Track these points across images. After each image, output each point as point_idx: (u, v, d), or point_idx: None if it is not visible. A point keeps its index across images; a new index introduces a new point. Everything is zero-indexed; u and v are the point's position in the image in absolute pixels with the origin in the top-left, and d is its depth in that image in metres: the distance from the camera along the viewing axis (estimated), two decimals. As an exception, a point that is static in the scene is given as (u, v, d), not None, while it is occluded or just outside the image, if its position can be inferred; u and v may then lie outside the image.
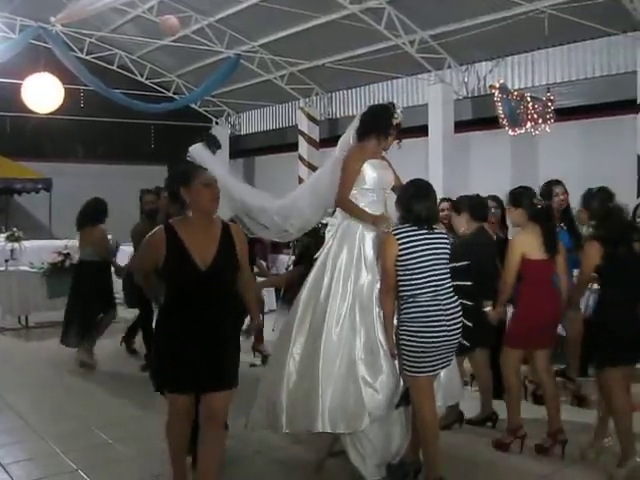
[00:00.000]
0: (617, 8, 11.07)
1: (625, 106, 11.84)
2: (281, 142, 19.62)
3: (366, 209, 5.06)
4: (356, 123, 5.24)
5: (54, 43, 14.07)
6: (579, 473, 5.22)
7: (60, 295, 11.64)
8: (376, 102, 14.79)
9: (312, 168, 17.16)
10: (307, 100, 18.45)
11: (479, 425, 6.18)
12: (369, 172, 5.07)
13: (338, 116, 17.99)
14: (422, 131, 14.66)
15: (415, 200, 4.67)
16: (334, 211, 5.30)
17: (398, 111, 5.15)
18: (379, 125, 5.12)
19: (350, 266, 4.96)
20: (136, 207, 8.97)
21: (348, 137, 5.32)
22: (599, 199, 5.97)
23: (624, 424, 5.00)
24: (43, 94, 13.68)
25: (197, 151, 5.87)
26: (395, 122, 5.12)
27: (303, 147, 18.16)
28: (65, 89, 13.93)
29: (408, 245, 4.57)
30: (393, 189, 5.21)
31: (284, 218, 5.51)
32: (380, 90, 16.81)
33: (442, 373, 4.86)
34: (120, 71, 18.34)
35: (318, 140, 17.98)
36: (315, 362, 4.74)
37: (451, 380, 5.16)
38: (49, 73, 13.76)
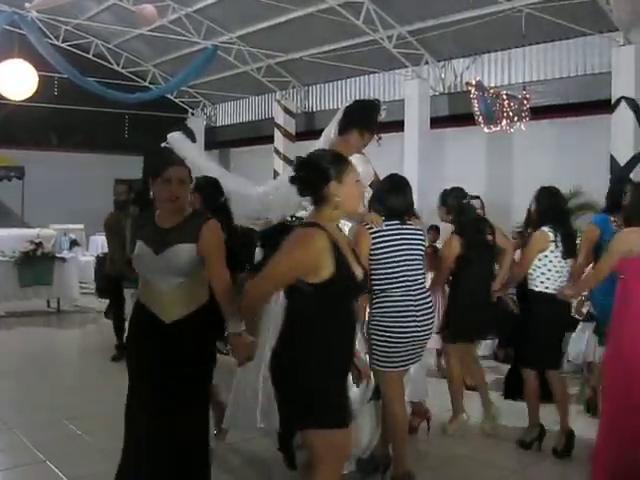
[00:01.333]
0: (594, 9, 11.15)
1: (599, 106, 11.95)
2: (257, 134, 19.57)
3: None
4: (339, 116, 5.21)
5: (29, 29, 13.91)
6: (549, 467, 5.28)
7: (31, 284, 11.55)
8: (353, 96, 14.84)
9: (288, 161, 17.15)
10: (284, 93, 18.41)
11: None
12: (358, 167, 5.06)
13: (314, 110, 17.98)
14: (398, 126, 14.67)
15: (391, 194, 4.68)
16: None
17: (383, 108, 5.14)
18: (364, 121, 5.10)
19: None
20: (110, 197, 8.90)
21: (331, 130, 5.31)
22: (454, 197, 6.14)
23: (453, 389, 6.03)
24: (16, 81, 13.49)
25: (176, 139, 5.83)
26: (379, 118, 5.11)
27: (279, 140, 18.14)
28: (39, 76, 13.76)
29: (381, 239, 4.57)
30: (370, 185, 5.21)
31: (266, 206, 5.50)
32: (357, 85, 16.81)
33: (411, 369, 4.88)
34: (96, 59, 18.16)
35: (294, 133, 17.97)
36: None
37: (418, 377, 5.18)
38: (23, 60, 13.59)
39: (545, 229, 5.46)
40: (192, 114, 21.28)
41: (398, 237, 4.61)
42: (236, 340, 3.73)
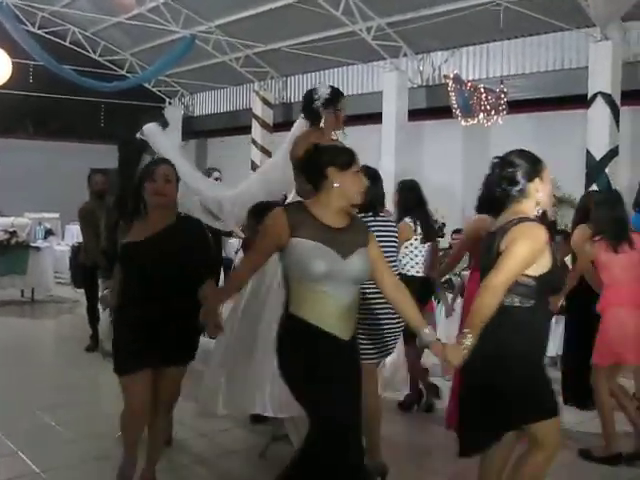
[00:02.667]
0: (571, 4, 11.18)
1: (576, 101, 12.01)
2: (234, 125, 19.48)
3: None
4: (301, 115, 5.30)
5: (4, 16, 13.73)
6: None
7: (5, 273, 11.46)
8: (319, 86, 14.78)
9: (265, 152, 17.12)
10: (262, 83, 18.34)
11: None
12: None
13: (293, 101, 17.92)
14: (376, 118, 14.70)
15: None
16: (285, 198, 5.30)
17: (320, 91, 5.12)
18: (307, 112, 5.17)
19: None
20: (83, 185, 8.82)
21: (301, 124, 5.32)
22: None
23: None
24: (-9, 68, 13.34)
25: (151, 130, 5.79)
26: (318, 104, 5.09)
27: (257, 131, 18.08)
28: (14, 63, 13.58)
29: None
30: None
31: (241, 207, 5.49)
32: (335, 76, 16.77)
33: (387, 362, 4.90)
34: (73, 47, 17.94)
35: (272, 124, 17.91)
36: (255, 345, 4.74)
37: (396, 370, 5.20)
38: (-3, 46, 13.43)
39: (407, 220, 6.10)
40: (169, 103, 21.14)
41: (374, 229, 4.61)
42: (448, 350, 3.38)
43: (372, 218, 4.64)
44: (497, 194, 3.56)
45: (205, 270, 4.11)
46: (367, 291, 4.53)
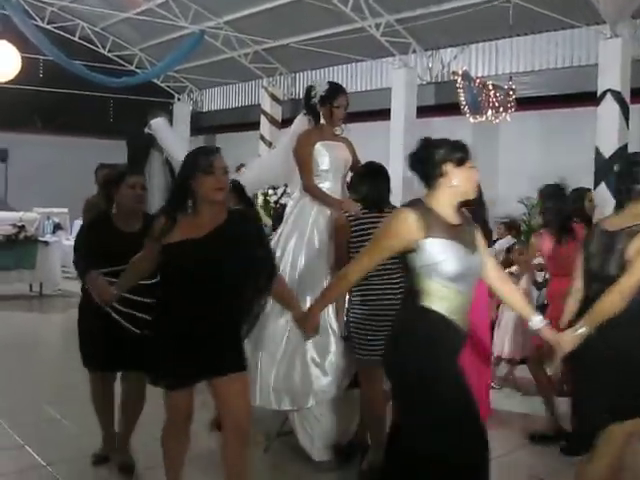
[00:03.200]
0: (581, 1, 11.14)
1: (585, 98, 11.95)
2: (243, 121, 19.48)
3: (327, 192, 5.06)
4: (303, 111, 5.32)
5: (13, 11, 13.77)
6: (527, 458, 5.31)
7: (14, 268, 11.50)
8: (337, 82, 14.79)
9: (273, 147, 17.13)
10: (271, 79, 18.33)
11: None
12: (321, 154, 5.07)
13: (301, 97, 17.86)
14: (384, 115, 14.68)
15: (364, 182, 4.69)
16: (284, 191, 5.33)
17: (317, 89, 5.12)
18: (306, 109, 5.19)
19: (299, 250, 4.97)
20: (92, 181, 8.81)
21: (302, 119, 5.33)
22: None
23: None
24: (0, 62, 13.38)
25: (159, 125, 5.81)
26: (315, 101, 5.09)
27: (265, 127, 18.08)
28: (23, 58, 13.65)
29: (360, 227, 4.57)
30: (351, 170, 5.22)
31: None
32: (344, 72, 16.75)
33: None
34: (82, 42, 17.98)
35: (280, 120, 17.89)
36: (259, 340, 4.75)
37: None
38: (7, 41, 13.46)
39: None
40: (178, 99, 21.16)
41: (377, 224, 4.60)
42: (563, 335, 3.55)
43: (377, 214, 4.61)
44: (621, 190, 3.61)
45: (268, 268, 3.76)
46: (372, 288, 4.53)
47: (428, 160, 3.31)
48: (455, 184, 3.29)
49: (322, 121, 5.13)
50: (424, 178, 3.36)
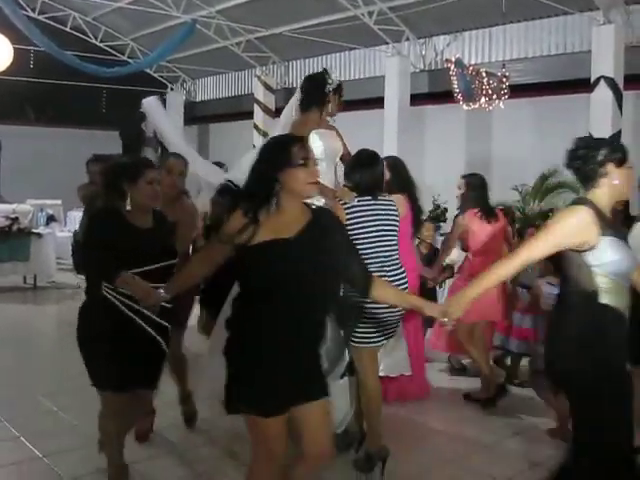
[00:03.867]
0: (574, -13, 11.15)
1: (579, 85, 11.95)
2: (236, 110, 19.43)
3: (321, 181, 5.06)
4: (298, 95, 5.26)
5: (4, 1, 13.68)
6: (521, 445, 5.34)
7: (7, 260, 11.46)
8: (334, 72, 14.73)
9: (267, 137, 17.05)
10: (264, 68, 18.29)
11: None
12: (316, 142, 5.06)
13: (294, 85, 17.82)
14: (378, 103, 14.67)
15: (357, 169, 4.68)
16: None
17: (333, 77, 5.13)
18: (314, 96, 5.14)
19: None
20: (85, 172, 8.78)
21: (291, 108, 5.31)
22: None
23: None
24: (-10, 53, 13.30)
25: (151, 105, 5.76)
26: (329, 89, 5.09)
27: (258, 116, 18.04)
28: (15, 49, 13.56)
29: (355, 215, 4.57)
30: (342, 159, 5.21)
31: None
32: (337, 60, 16.73)
33: (389, 344, 4.90)
34: (73, 32, 17.88)
35: (274, 109, 17.85)
36: None
37: (396, 352, 5.20)
38: (-3, 32, 13.38)
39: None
40: (171, 89, 21.09)
41: (371, 212, 4.60)
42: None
43: (372, 201, 4.61)
44: None
45: (363, 271, 3.52)
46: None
47: (590, 160, 3.36)
48: (616, 183, 3.35)
49: (329, 109, 5.12)
50: (584, 177, 3.41)
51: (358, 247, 4.55)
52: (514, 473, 4.79)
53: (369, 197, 4.62)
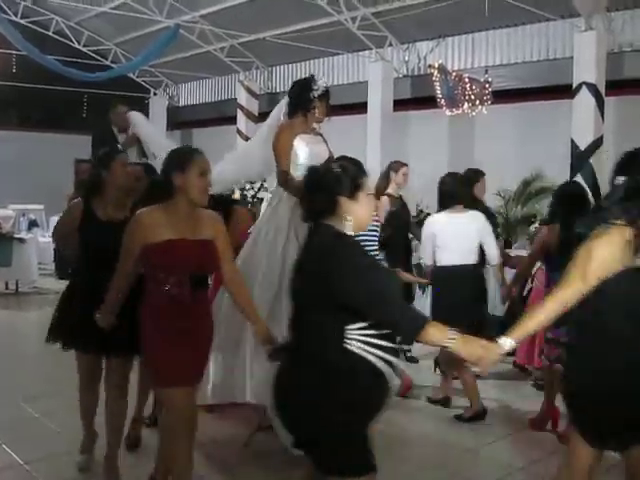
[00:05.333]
0: (556, -7, 11.21)
1: (561, 90, 12.02)
2: (220, 115, 19.41)
3: None
4: (285, 100, 5.29)
5: (-15, 5, 13.64)
6: (505, 447, 5.35)
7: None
8: (322, 78, 14.81)
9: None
10: (247, 73, 18.28)
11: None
12: (302, 147, 5.07)
13: (278, 90, 17.87)
14: (361, 108, 14.69)
15: None
16: (261, 185, 5.33)
17: (319, 83, 5.14)
18: (300, 101, 5.15)
19: (278, 245, 4.97)
20: (68, 176, 8.77)
21: (280, 110, 5.33)
22: None
23: None
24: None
25: (137, 118, 5.76)
26: (315, 95, 5.10)
27: (242, 121, 18.03)
28: (-3, 53, 13.52)
29: None
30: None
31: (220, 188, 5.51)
32: (320, 66, 16.73)
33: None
34: (56, 37, 17.82)
35: (257, 114, 17.84)
36: (242, 337, 4.75)
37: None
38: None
39: None
40: (154, 94, 21.02)
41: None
42: None
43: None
44: None
45: None
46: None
47: None
48: None
49: (315, 114, 5.13)
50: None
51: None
52: (498, 477, 4.80)
53: None
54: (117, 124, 8.09)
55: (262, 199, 5.49)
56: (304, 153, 5.07)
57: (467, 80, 12.04)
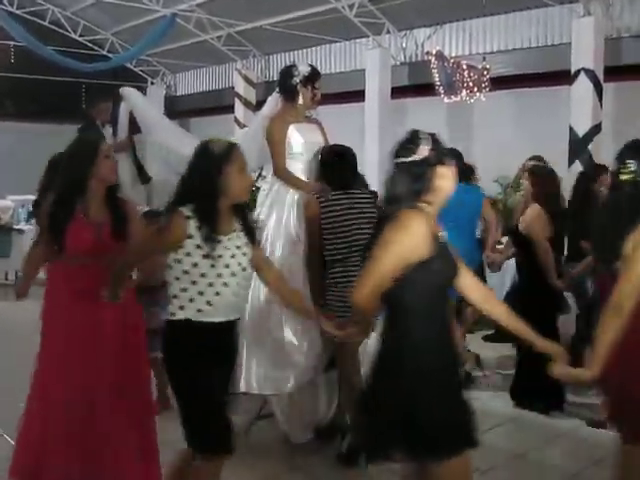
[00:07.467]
0: (554, -21, 11.17)
1: (559, 77, 11.98)
2: (217, 104, 19.36)
3: (299, 174, 5.05)
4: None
5: (-19, -5, 13.59)
6: (504, 436, 5.36)
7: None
8: (314, 65, 14.76)
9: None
10: (244, 62, 18.22)
11: None
12: (295, 136, 5.07)
13: (275, 79, 17.74)
14: (359, 96, 14.65)
15: (329, 165, 4.71)
16: (259, 174, 5.31)
17: (300, 68, 5.12)
18: (285, 89, 5.16)
19: (277, 233, 4.96)
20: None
21: (276, 99, 5.33)
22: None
23: None
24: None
25: (130, 93, 5.74)
26: (296, 81, 5.08)
27: (239, 109, 17.98)
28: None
29: (330, 209, 4.59)
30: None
31: None
32: (318, 54, 16.68)
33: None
34: (52, 27, 17.74)
35: (254, 103, 17.79)
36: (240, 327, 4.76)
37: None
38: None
39: None
40: (152, 83, 20.97)
41: (346, 205, 4.64)
42: None
43: (344, 196, 4.65)
44: None
45: None
46: (347, 269, 4.54)
47: None
48: None
49: (299, 102, 5.12)
50: None
51: (336, 240, 4.58)
52: (498, 463, 4.82)
53: (341, 191, 4.66)
54: (100, 118, 8.33)
55: (259, 188, 5.45)
56: (298, 142, 5.06)
57: (465, 67, 12.01)
